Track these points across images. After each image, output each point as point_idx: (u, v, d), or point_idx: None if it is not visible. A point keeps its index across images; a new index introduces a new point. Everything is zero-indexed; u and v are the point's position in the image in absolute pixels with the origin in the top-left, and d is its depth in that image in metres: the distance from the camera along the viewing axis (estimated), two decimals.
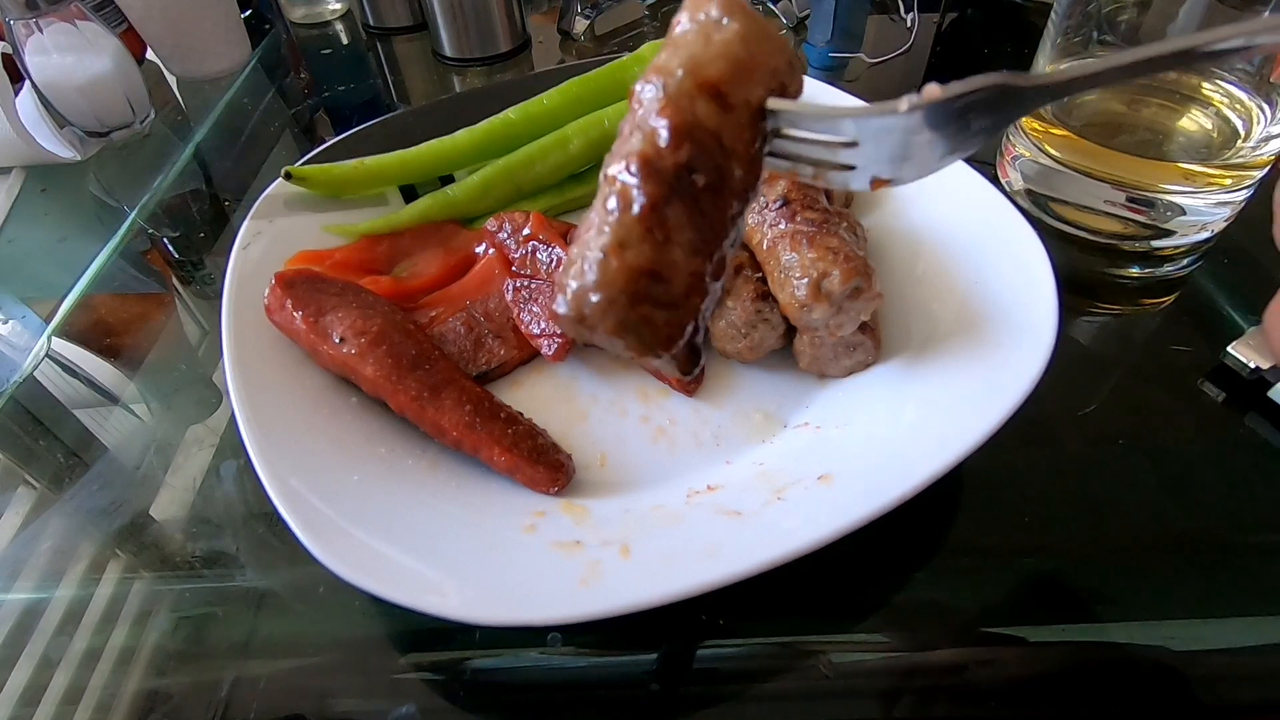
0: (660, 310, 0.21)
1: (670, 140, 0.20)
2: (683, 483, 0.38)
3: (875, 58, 0.76)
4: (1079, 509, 0.38)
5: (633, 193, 0.20)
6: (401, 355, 0.39)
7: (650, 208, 0.20)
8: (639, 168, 0.20)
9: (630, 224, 0.20)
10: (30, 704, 0.35)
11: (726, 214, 0.21)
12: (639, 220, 0.20)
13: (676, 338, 0.21)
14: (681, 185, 0.21)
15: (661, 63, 0.21)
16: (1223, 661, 0.33)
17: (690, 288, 0.21)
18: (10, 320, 0.57)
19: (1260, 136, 0.46)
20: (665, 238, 0.20)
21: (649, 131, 0.21)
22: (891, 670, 0.33)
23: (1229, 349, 0.42)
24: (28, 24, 0.65)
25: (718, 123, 0.21)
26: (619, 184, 0.21)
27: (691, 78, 0.21)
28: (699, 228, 0.21)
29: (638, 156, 0.20)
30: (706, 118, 0.21)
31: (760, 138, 0.22)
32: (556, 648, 0.34)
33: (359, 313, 0.41)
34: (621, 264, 0.20)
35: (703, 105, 0.21)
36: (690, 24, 0.22)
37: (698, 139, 0.21)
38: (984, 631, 0.34)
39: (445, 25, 0.81)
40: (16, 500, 0.44)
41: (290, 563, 0.38)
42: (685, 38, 0.22)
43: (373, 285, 0.46)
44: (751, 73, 0.21)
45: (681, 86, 0.21)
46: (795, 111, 0.21)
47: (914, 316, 0.42)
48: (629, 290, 0.20)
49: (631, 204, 0.20)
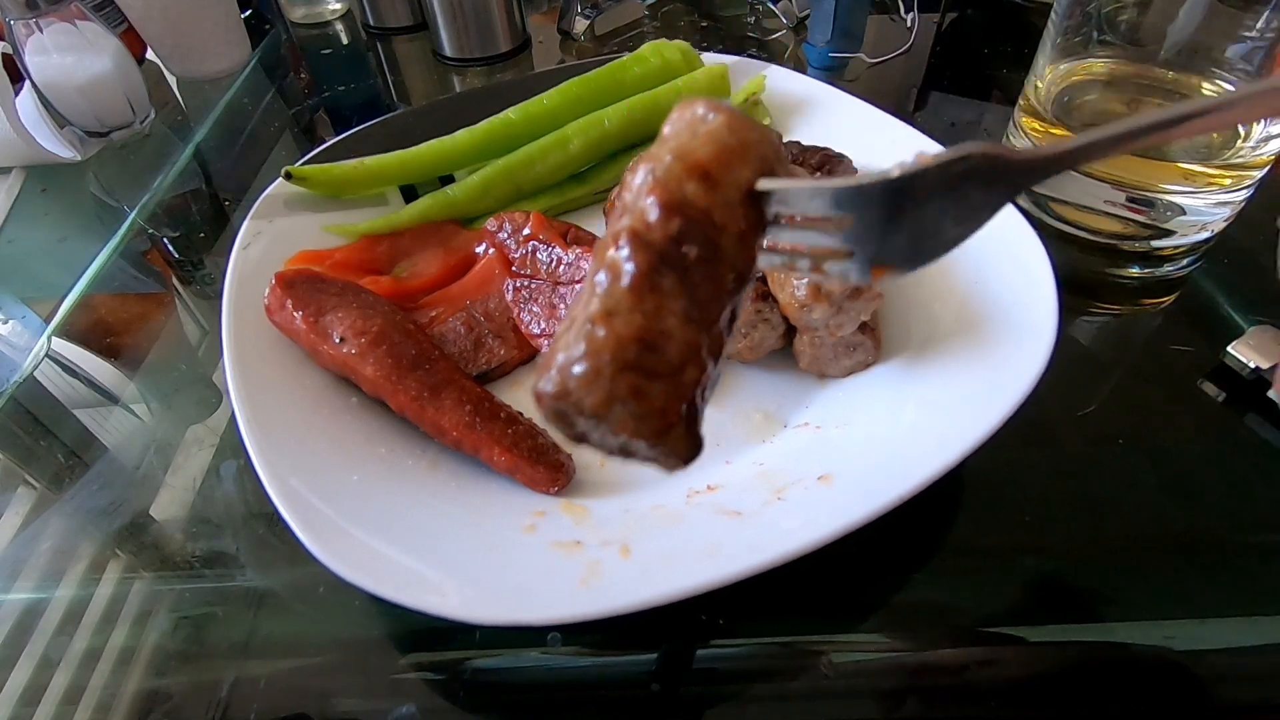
0: (653, 382, 0.19)
1: (660, 215, 0.20)
2: (683, 483, 0.38)
3: (875, 58, 0.76)
4: (1079, 509, 0.38)
5: (622, 265, 0.20)
6: (401, 355, 0.39)
7: (641, 275, 0.19)
8: (628, 241, 0.20)
9: (619, 293, 0.19)
10: (30, 704, 0.35)
11: (722, 287, 0.21)
12: (629, 289, 0.19)
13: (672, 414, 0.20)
14: (673, 256, 0.20)
15: (650, 153, 0.21)
16: (1223, 661, 0.33)
17: (685, 359, 0.20)
18: (10, 320, 0.57)
19: (1260, 136, 0.46)
20: (657, 306, 0.19)
21: (638, 210, 0.20)
22: (891, 670, 0.33)
23: (1229, 349, 0.42)
24: (28, 24, 0.65)
25: (707, 201, 0.21)
26: (607, 259, 0.20)
27: (679, 162, 0.21)
28: (692, 298, 0.20)
29: (626, 232, 0.20)
30: (695, 196, 0.21)
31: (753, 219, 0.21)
32: (556, 648, 0.34)
33: (359, 313, 0.41)
34: (610, 331, 0.19)
35: (691, 185, 0.21)
36: (678, 122, 0.22)
37: (687, 214, 0.20)
38: (984, 631, 0.34)
39: (445, 25, 0.81)
40: (16, 500, 0.44)
41: (290, 563, 0.38)
42: (673, 131, 0.22)
43: (373, 285, 0.46)
44: (738, 156, 0.21)
45: (670, 170, 0.21)
46: (786, 188, 0.21)
47: (914, 316, 0.42)
48: (618, 358, 0.19)
49: (621, 275, 0.20)
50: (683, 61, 0.59)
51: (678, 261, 0.20)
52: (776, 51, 0.82)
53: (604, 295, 0.20)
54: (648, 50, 0.59)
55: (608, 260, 0.20)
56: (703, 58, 0.60)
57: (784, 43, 0.83)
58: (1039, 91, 0.52)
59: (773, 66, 0.60)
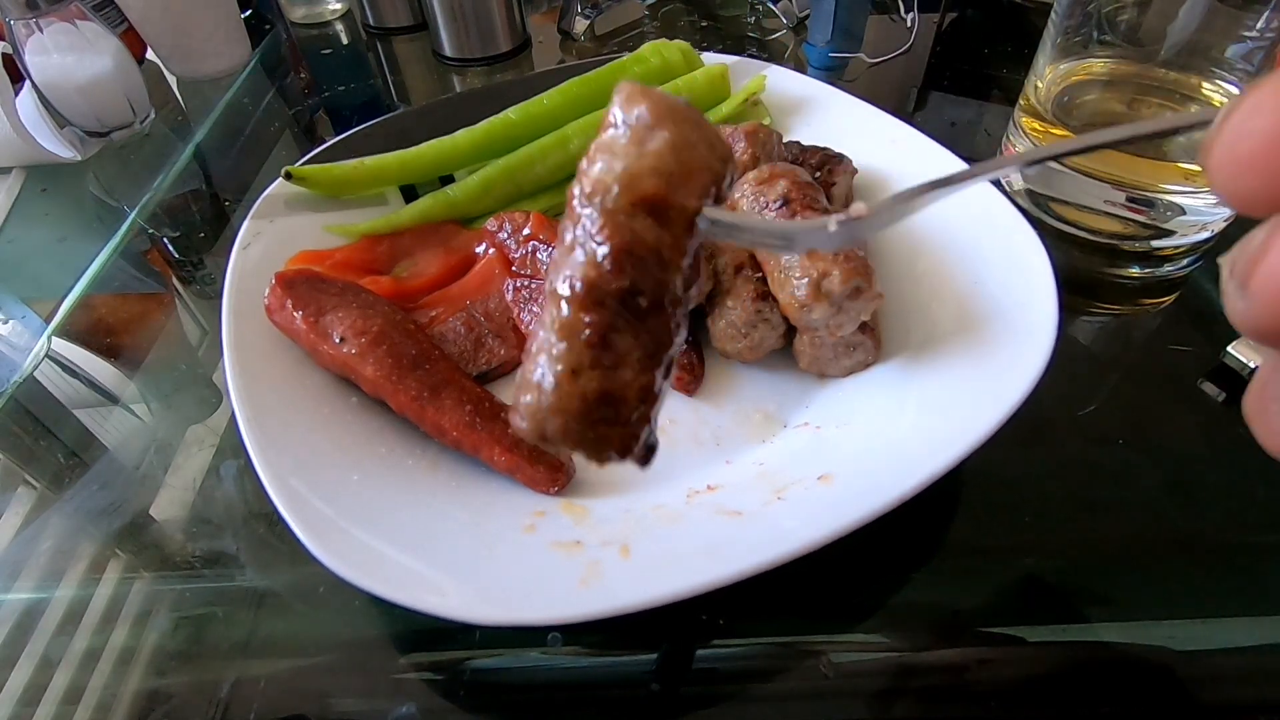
0: (614, 428, 0.22)
1: (613, 266, 0.21)
2: (683, 483, 0.38)
3: (875, 58, 0.76)
4: (1079, 509, 0.38)
5: (581, 321, 0.21)
6: (402, 355, 0.39)
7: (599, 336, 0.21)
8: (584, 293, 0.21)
9: (580, 351, 0.21)
10: (30, 704, 0.35)
11: (671, 323, 0.22)
12: (588, 347, 0.21)
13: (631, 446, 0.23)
14: (627, 309, 0.21)
15: (597, 175, 0.22)
16: (1223, 661, 0.33)
17: (641, 399, 0.22)
18: (10, 320, 0.57)
19: None
20: (615, 363, 0.21)
21: (590, 255, 0.21)
22: (891, 670, 0.33)
23: (1229, 349, 0.42)
24: (28, 24, 0.65)
25: (656, 237, 0.21)
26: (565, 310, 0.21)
27: (627, 195, 0.21)
28: (646, 345, 0.22)
29: (583, 281, 0.21)
30: (645, 233, 0.21)
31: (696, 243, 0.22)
32: (556, 648, 0.34)
33: (359, 313, 0.41)
34: (575, 389, 0.21)
35: (640, 221, 0.21)
36: (621, 129, 0.22)
37: (638, 257, 0.21)
38: (984, 631, 0.34)
39: (445, 25, 0.81)
40: (16, 500, 0.44)
41: (290, 563, 0.38)
42: (617, 145, 0.22)
43: (373, 285, 0.46)
44: (686, 183, 0.21)
45: (619, 205, 0.21)
46: (729, 223, 0.22)
47: (914, 316, 0.42)
48: (584, 414, 0.21)
49: (580, 331, 0.21)
50: (683, 61, 0.59)
51: (632, 313, 0.21)
52: (776, 51, 0.82)
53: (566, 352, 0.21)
54: (648, 50, 0.59)
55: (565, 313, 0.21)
56: (703, 58, 0.60)
57: (784, 43, 0.83)
58: (1039, 91, 0.52)
59: (773, 66, 0.60)
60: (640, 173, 0.21)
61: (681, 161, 0.21)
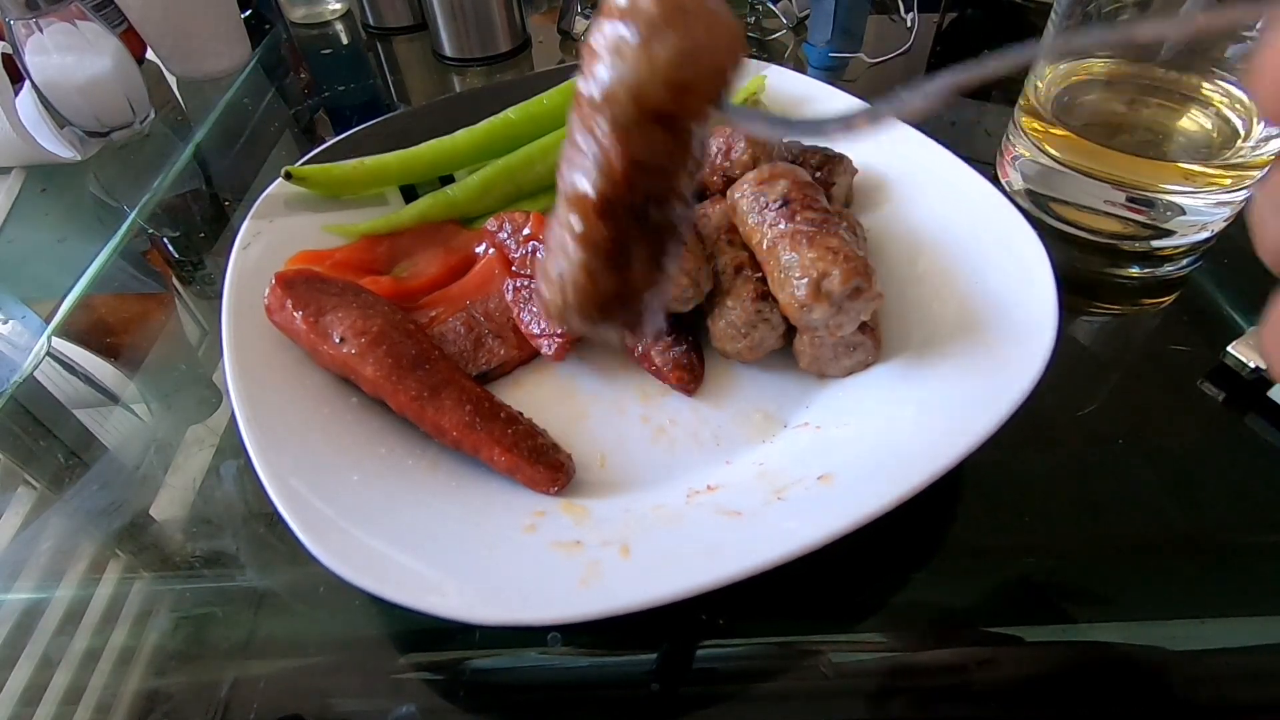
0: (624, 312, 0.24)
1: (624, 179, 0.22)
2: (683, 483, 0.38)
3: (875, 58, 0.76)
4: (1079, 509, 0.38)
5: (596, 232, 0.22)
6: (401, 355, 0.39)
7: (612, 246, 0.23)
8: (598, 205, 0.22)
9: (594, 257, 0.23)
10: (30, 704, 0.35)
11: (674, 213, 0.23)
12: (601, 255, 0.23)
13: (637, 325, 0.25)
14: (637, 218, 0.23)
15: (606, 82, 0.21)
16: (1223, 661, 0.33)
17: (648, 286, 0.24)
18: (10, 320, 0.57)
19: (1260, 136, 0.46)
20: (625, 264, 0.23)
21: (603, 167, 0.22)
22: (891, 670, 0.33)
23: (1229, 349, 0.42)
24: (28, 24, 0.65)
25: (665, 146, 0.22)
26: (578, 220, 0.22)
27: (637, 106, 0.21)
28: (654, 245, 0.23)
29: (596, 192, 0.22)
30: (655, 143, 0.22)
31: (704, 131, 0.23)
32: (556, 648, 0.34)
33: (359, 313, 0.41)
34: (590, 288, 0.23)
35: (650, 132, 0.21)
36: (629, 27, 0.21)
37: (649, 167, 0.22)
38: (984, 631, 0.34)
39: (445, 25, 0.81)
40: (16, 500, 0.44)
41: (290, 563, 0.38)
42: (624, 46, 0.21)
43: (373, 285, 0.46)
44: (695, 91, 0.21)
45: (629, 116, 0.21)
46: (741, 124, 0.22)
47: (914, 316, 0.42)
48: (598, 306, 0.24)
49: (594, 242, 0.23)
50: None
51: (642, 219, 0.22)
52: (776, 51, 0.82)
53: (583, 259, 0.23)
54: None
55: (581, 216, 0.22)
56: None
57: (784, 43, 0.83)
58: (1039, 91, 0.52)
59: (773, 66, 0.60)
60: (650, 84, 0.21)
61: (692, 69, 0.21)
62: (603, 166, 0.22)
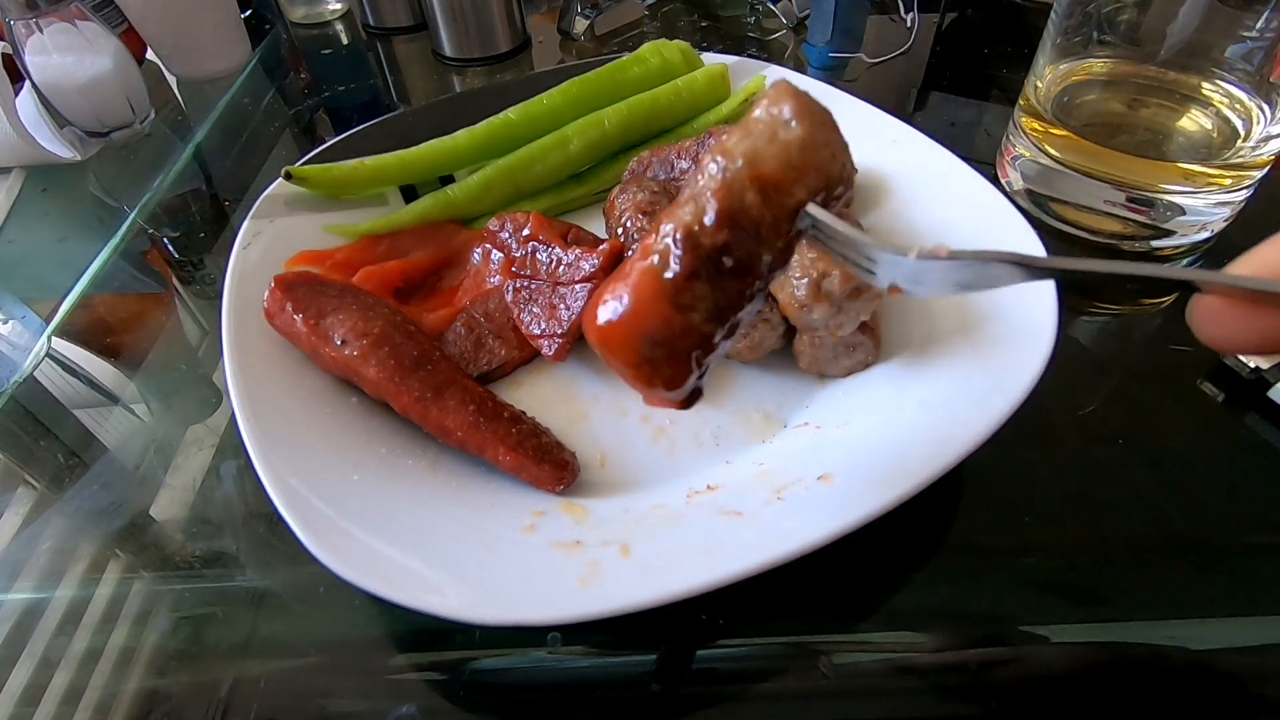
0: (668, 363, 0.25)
1: (715, 221, 0.24)
2: (683, 483, 0.38)
3: (875, 58, 0.76)
4: (1079, 509, 0.38)
5: (671, 258, 0.24)
6: (404, 356, 0.39)
7: (684, 276, 0.24)
8: (683, 238, 0.24)
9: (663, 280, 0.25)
10: (30, 704, 0.35)
11: (747, 291, 0.25)
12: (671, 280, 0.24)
13: (678, 383, 0.26)
14: (713, 264, 0.24)
15: (730, 145, 0.24)
16: (1223, 661, 0.33)
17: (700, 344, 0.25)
18: (10, 320, 0.57)
19: (1260, 136, 0.46)
20: (688, 304, 0.24)
21: (700, 207, 0.24)
22: (891, 670, 0.33)
23: None
24: (28, 24, 0.65)
25: (759, 214, 0.24)
26: (663, 245, 0.25)
27: (748, 169, 0.24)
28: (719, 300, 0.25)
29: (684, 228, 0.24)
30: (751, 207, 0.24)
31: (793, 232, 0.25)
32: (556, 648, 0.34)
33: (360, 314, 0.41)
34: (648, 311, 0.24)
35: (751, 196, 0.24)
36: (764, 115, 0.24)
37: (738, 224, 0.24)
38: (984, 632, 0.34)
39: (445, 25, 0.81)
40: (16, 500, 0.44)
41: (290, 563, 0.38)
42: (755, 127, 0.24)
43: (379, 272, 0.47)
44: (801, 177, 0.24)
45: (738, 175, 0.24)
46: (823, 223, 0.24)
47: (914, 316, 0.42)
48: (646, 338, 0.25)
49: (669, 263, 0.24)
50: (683, 61, 0.59)
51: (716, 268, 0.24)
52: (776, 51, 0.82)
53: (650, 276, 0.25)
54: (648, 50, 0.59)
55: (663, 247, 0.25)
56: (703, 58, 0.60)
57: (784, 43, 0.83)
58: (1039, 91, 0.52)
59: (773, 66, 0.60)
60: (765, 154, 0.24)
61: (804, 158, 0.24)
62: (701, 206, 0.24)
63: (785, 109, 0.24)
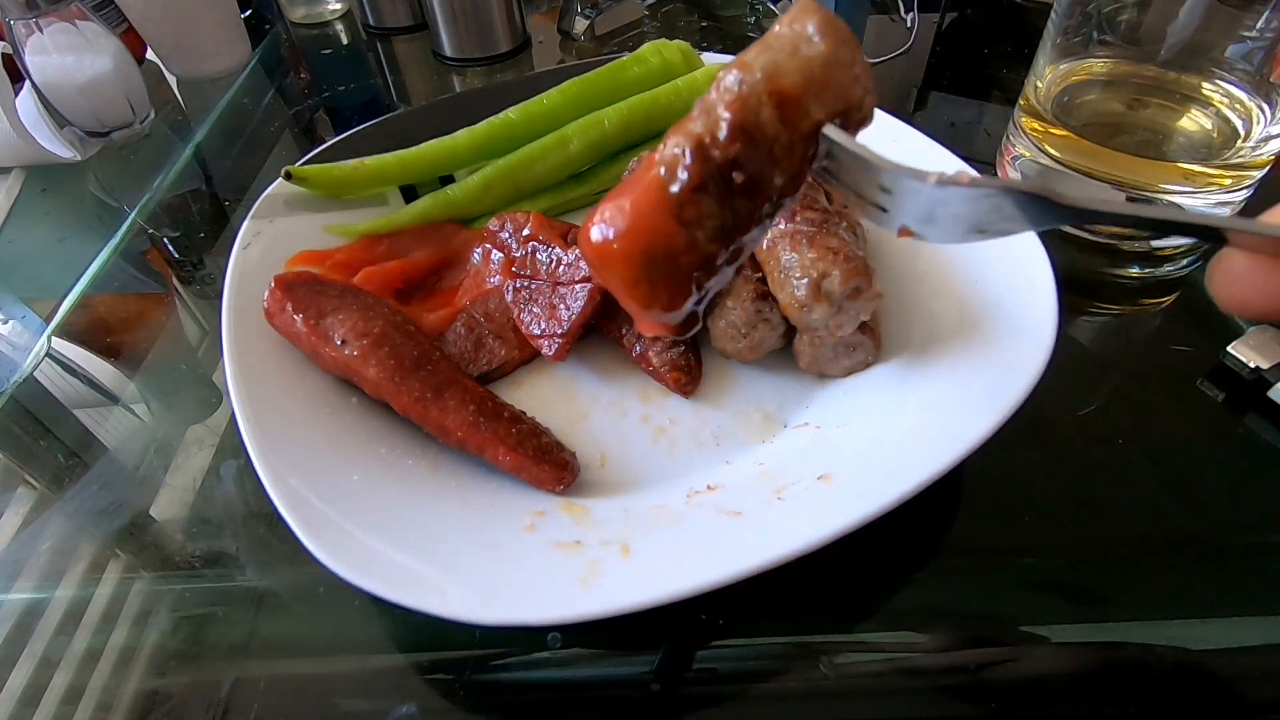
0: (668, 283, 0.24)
1: (728, 135, 0.22)
2: (683, 483, 0.38)
3: (875, 58, 0.76)
4: (1079, 509, 0.38)
5: (679, 169, 0.23)
6: (404, 356, 0.39)
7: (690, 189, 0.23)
8: (692, 149, 0.23)
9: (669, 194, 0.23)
10: (30, 704, 0.35)
11: (755, 214, 0.24)
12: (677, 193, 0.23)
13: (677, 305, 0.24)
14: (722, 177, 0.23)
15: (749, 59, 0.23)
16: (1223, 661, 0.33)
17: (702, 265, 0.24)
18: (10, 320, 0.57)
19: (1260, 136, 0.46)
20: (692, 220, 0.23)
21: (713, 119, 0.23)
22: (891, 670, 0.33)
23: (1229, 349, 0.42)
24: (28, 24, 0.65)
25: (775, 131, 0.23)
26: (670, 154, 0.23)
27: (766, 82, 0.22)
28: (725, 219, 0.23)
29: (694, 138, 0.23)
30: (767, 123, 0.22)
31: (809, 155, 0.23)
32: (556, 648, 0.34)
33: (360, 315, 0.41)
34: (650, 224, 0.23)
35: (767, 111, 0.22)
36: (786, 30, 0.23)
37: (752, 139, 0.22)
38: (984, 632, 0.34)
39: (445, 25, 0.81)
40: (16, 500, 0.44)
41: (290, 563, 0.38)
42: (776, 41, 0.23)
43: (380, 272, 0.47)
44: (820, 94, 0.23)
45: (755, 88, 0.22)
46: (841, 145, 0.23)
47: (914, 316, 0.42)
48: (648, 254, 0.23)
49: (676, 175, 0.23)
50: (683, 61, 0.59)
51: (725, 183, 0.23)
52: None
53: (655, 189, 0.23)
54: (648, 50, 0.59)
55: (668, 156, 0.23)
56: (703, 58, 0.60)
57: None
58: (1039, 91, 0.52)
59: None
60: (786, 69, 0.22)
61: (826, 75, 0.22)
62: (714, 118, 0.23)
63: (809, 24, 0.22)
